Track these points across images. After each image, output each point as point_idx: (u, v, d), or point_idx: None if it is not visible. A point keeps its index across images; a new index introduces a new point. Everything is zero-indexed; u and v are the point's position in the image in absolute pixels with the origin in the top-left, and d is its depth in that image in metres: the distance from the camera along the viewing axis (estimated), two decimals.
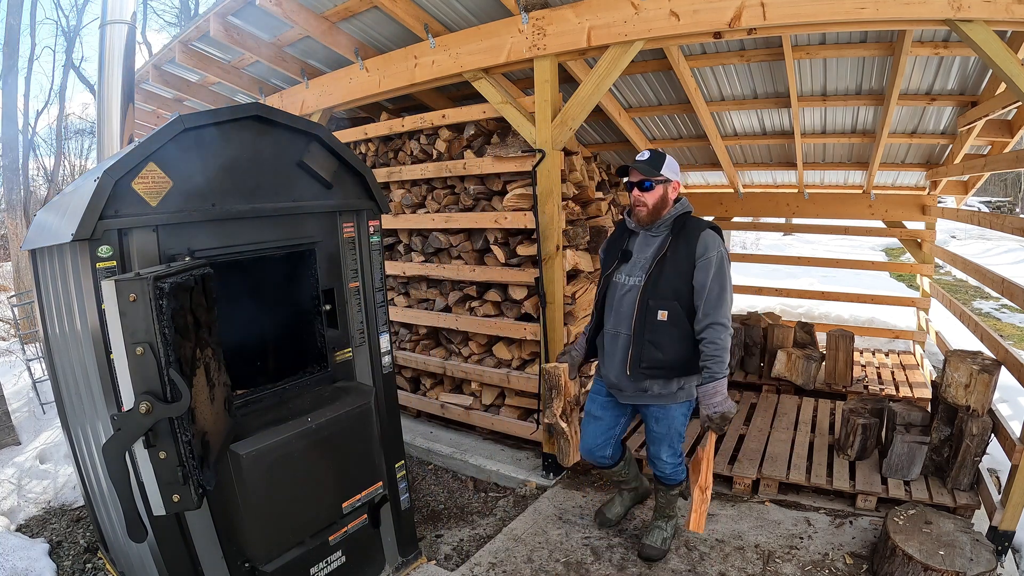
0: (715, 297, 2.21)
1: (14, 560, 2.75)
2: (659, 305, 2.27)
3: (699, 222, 2.34)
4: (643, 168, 2.29)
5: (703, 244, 2.25)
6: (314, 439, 2.06)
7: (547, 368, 2.51)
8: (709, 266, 2.22)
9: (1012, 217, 3.29)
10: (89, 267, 1.65)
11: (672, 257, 2.28)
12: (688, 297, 2.26)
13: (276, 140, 2.08)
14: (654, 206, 2.33)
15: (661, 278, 2.28)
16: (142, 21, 15.85)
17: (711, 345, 2.20)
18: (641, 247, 2.40)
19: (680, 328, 2.28)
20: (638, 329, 2.31)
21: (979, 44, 2.30)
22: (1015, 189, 17.26)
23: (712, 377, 2.20)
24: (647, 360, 2.32)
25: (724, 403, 2.21)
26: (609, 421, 2.61)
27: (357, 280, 2.44)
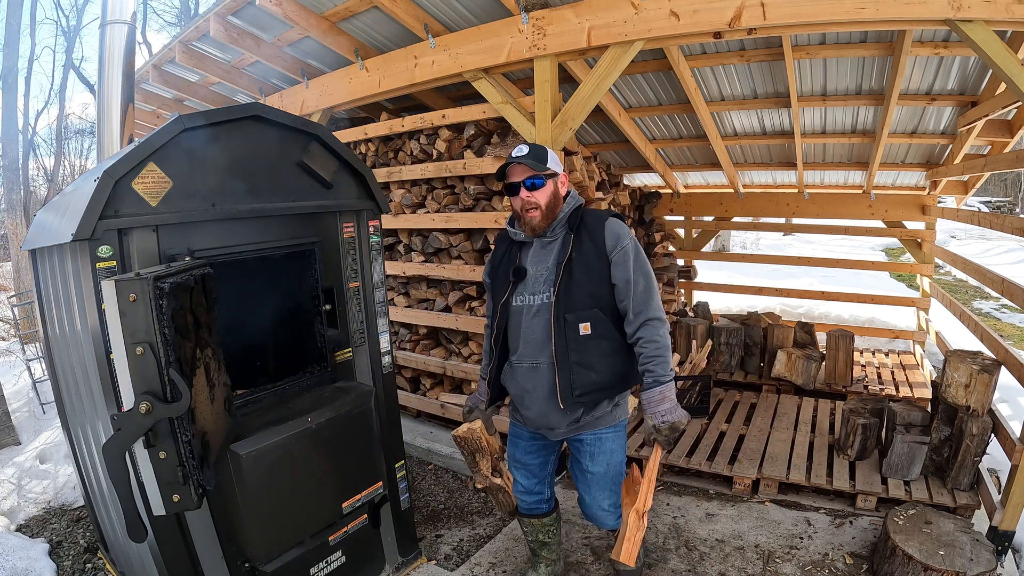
0: (642, 290, 1.92)
1: (14, 560, 2.75)
2: (579, 318, 1.91)
3: (597, 212, 2.03)
4: (529, 163, 1.92)
5: (612, 234, 1.93)
6: (314, 439, 2.06)
7: (461, 435, 2.08)
8: (627, 257, 1.91)
9: (1012, 217, 3.29)
10: (89, 267, 1.65)
11: (579, 258, 1.93)
12: (609, 299, 1.94)
13: (276, 140, 2.08)
14: (547, 206, 1.96)
15: (573, 286, 1.91)
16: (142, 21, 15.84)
17: (650, 344, 1.89)
18: (537, 259, 2.01)
19: (609, 339, 1.94)
20: (561, 353, 1.91)
21: (979, 44, 2.30)
22: (1015, 189, 17.25)
23: (657, 381, 1.88)
24: (580, 386, 1.92)
25: (673, 411, 1.89)
26: (538, 464, 2.24)
27: (357, 280, 2.44)
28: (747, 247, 13.57)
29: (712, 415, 4.19)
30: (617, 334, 1.95)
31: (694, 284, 6.66)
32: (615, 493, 2.11)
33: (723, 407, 4.36)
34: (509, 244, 2.11)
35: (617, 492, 2.11)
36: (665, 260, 5.74)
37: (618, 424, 2.08)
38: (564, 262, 1.92)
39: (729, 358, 5.07)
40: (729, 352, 5.07)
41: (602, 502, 2.11)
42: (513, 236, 2.08)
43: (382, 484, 2.36)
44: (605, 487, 2.10)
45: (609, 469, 2.08)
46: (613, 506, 2.12)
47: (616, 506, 2.11)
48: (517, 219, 2.03)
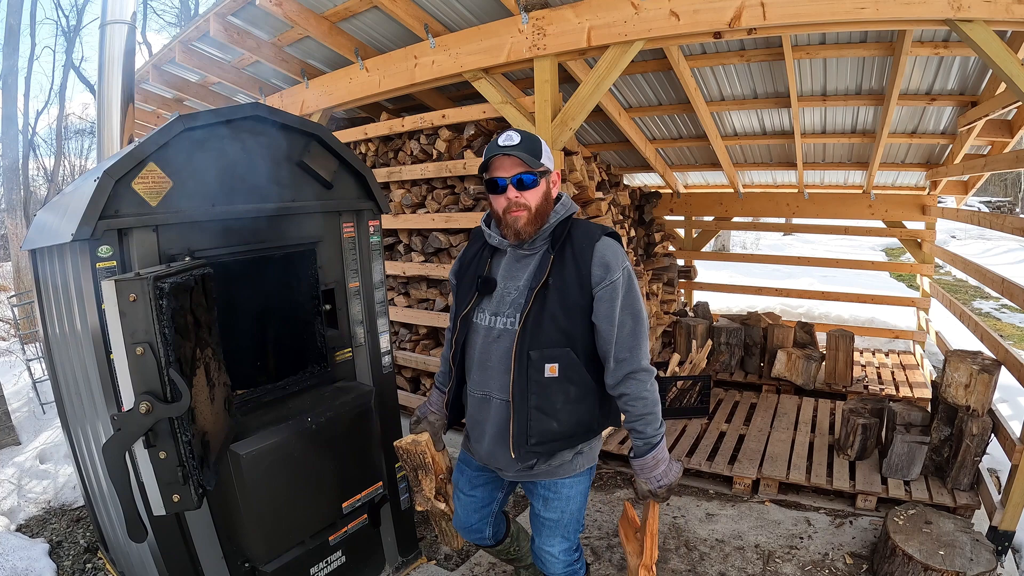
0: (629, 335, 1.58)
1: (14, 560, 2.75)
2: (545, 357, 1.58)
3: (589, 228, 1.66)
4: (521, 156, 1.55)
5: (601, 262, 1.58)
6: (314, 439, 2.06)
7: (404, 446, 1.85)
8: (615, 294, 1.57)
9: (1012, 217, 3.29)
10: (89, 267, 1.65)
11: (557, 285, 1.58)
12: (586, 338, 1.62)
13: (276, 140, 2.08)
14: (538, 209, 1.61)
15: (544, 318, 1.58)
16: (142, 21, 15.85)
17: (638, 403, 1.59)
18: (509, 272, 1.68)
19: (578, 384, 1.62)
20: (519, 394, 1.60)
21: (979, 44, 2.30)
22: (1015, 189, 17.26)
23: (649, 444, 1.61)
24: (537, 434, 1.62)
25: (668, 472, 1.64)
26: (482, 498, 1.93)
27: (357, 280, 2.44)
28: (747, 247, 13.57)
29: (712, 415, 4.20)
30: (589, 379, 1.64)
31: (694, 284, 6.66)
32: (567, 540, 1.82)
33: (723, 407, 4.36)
34: (482, 245, 1.77)
35: (570, 539, 1.83)
36: (665, 260, 5.74)
37: (579, 473, 1.77)
38: (538, 288, 1.58)
39: (729, 358, 5.07)
40: (729, 352, 5.07)
41: (551, 548, 1.81)
42: (487, 238, 1.72)
43: (382, 484, 2.36)
44: (557, 533, 1.80)
45: (563, 516, 1.78)
46: (564, 552, 1.82)
47: (568, 553, 1.83)
48: (498, 222, 1.68)
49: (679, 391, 4.14)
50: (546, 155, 1.64)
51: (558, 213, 1.66)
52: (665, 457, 1.65)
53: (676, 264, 6.10)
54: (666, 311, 5.67)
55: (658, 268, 5.56)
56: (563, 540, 1.81)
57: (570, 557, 1.84)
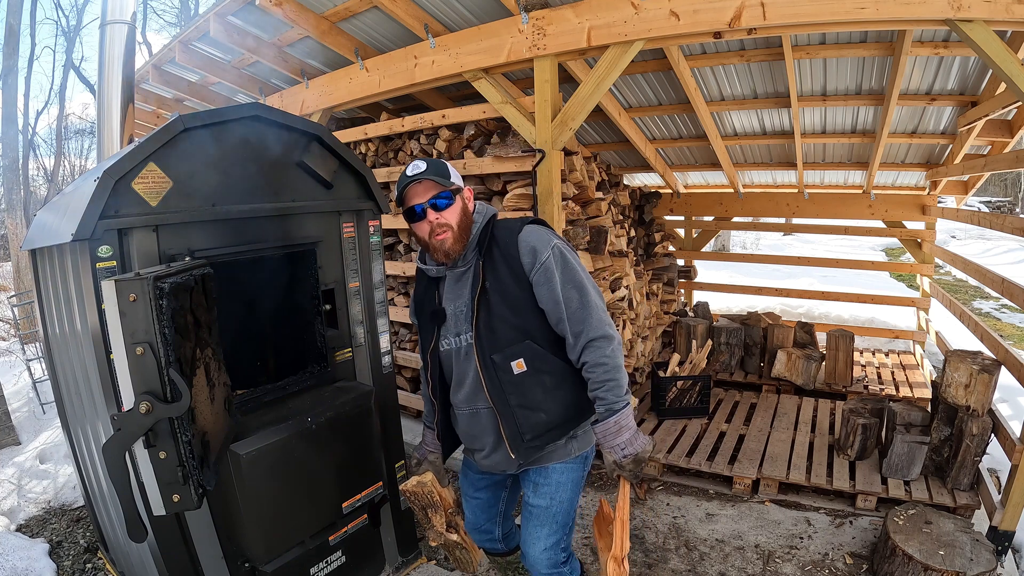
0: (577, 306, 1.62)
1: (14, 560, 2.75)
2: (508, 356, 1.64)
3: (509, 223, 1.72)
4: (432, 178, 1.60)
5: (528, 249, 1.62)
6: (314, 439, 2.06)
7: (410, 489, 1.86)
8: (550, 274, 1.61)
9: (1012, 217, 3.29)
10: (89, 267, 1.65)
11: (495, 287, 1.64)
12: (541, 326, 1.66)
13: (276, 140, 2.08)
14: (459, 225, 1.66)
15: (494, 321, 1.63)
16: (142, 21, 15.85)
17: (597, 369, 1.61)
18: (453, 293, 1.73)
19: (550, 372, 1.67)
20: (498, 398, 1.66)
21: (979, 44, 2.30)
22: (1015, 189, 17.26)
23: (610, 409, 1.60)
24: (529, 429, 1.67)
25: (633, 440, 1.61)
26: (488, 499, 2.00)
27: (357, 280, 2.44)
28: (747, 247, 13.57)
29: (712, 415, 4.20)
30: (560, 363, 1.68)
31: (694, 284, 6.66)
32: (555, 535, 1.78)
33: (723, 407, 4.36)
34: (427, 281, 1.82)
35: (559, 534, 1.79)
36: (665, 260, 5.74)
37: (572, 459, 1.78)
38: (477, 295, 1.64)
39: (729, 358, 5.07)
40: (729, 352, 5.07)
41: (537, 541, 1.77)
42: (428, 271, 1.77)
43: (382, 484, 2.36)
44: (544, 523, 1.77)
45: (552, 504, 1.76)
46: (551, 548, 1.78)
47: (553, 550, 1.78)
48: (426, 248, 1.72)
49: (679, 391, 4.14)
50: (454, 175, 1.69)
51: (477, 222, 1.72)
52: (629, 425, 1.62)
53: (676, 264, 6.10)
54: (666, 311, 5.67)
55: (658, 268, 5.56)
56: (550, 534, 1.76)
57: (555, 556, 1.79)
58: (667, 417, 4.12)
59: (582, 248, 3.79)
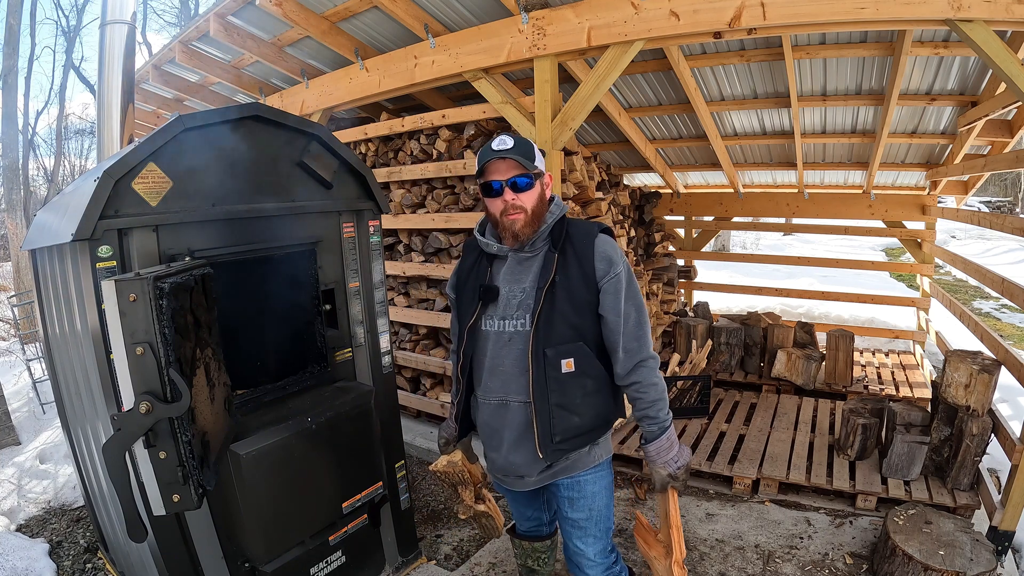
0: (634, 325, 1.64)
1: (14, 560, 2.75)
2: (561, 353, 1.61)
3: (586, 226, 1.72)
4: (517, 159, 1.59)
5: (604, 257, 1.63)
6: (314, 439, 2.06)
7: (441, 470, 1.88)
8: (619, 286, 1.63)
9: (1012, 217, 3.29)
10: (89, 267, 1.65)
11: (564, 283, 1.63)
12: (594, 331, 1.66)
13: (276, 140, 2.08)
14: (534, 211, 1.65)
15: (555, 316, 1.61)
16: (142, 21, 15.85)
17: (650, 389, 1.64)
18: (512, 275, 1.70)
19: (593, 376, 1.66)
20: (539, 393, 1.62)
21: (979, 44, 2.30)
22: (1015, 189, 17.26)
23: (662, 427, 1.66)
24: (562, 431, 1.64)
25: (682, 452, 1.69)
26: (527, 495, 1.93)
27: (357, 280, 2.44)
28: (747, 247, 13.57)
29: (712, 415, 4.20)
30: (602, 370, 1.68)
31: (694, 284, 6.66)
32: (601, 540, 1.81)
33: (723, 407, 4.36)
34: (479, 255, 1.78)
35: (604, 539, 1.82)
36: (665, 260, 5.74)
37: (598, 465, 1.77)
38: (546, 287, 1.61)
39: (729, 358, 5.07)
40: (729, 352, 5.07)
41: (587, 551, 1.80)
42: (484, 247, 1.74)
43: (382, 484, 2.36)
44: (590, 534, 1.79)
45: (592, 514, 1.78)
46: (600, 555, 1.81)
47: (603, 554, 1.82)
48: (495, 225, 1.70)
49: (679, 391, 4.14)
50: (539, 158, 1.68)
51: (553, 214, 1.72)
52: (676, 439, 1.70)
53: (676, 264, 6.10)
54: (666, 311, 5.67)
55: (658, 268, 5.56)
56: (596, 541, 1.80)
57: (607, 559, 1.83)
58: None
59: None
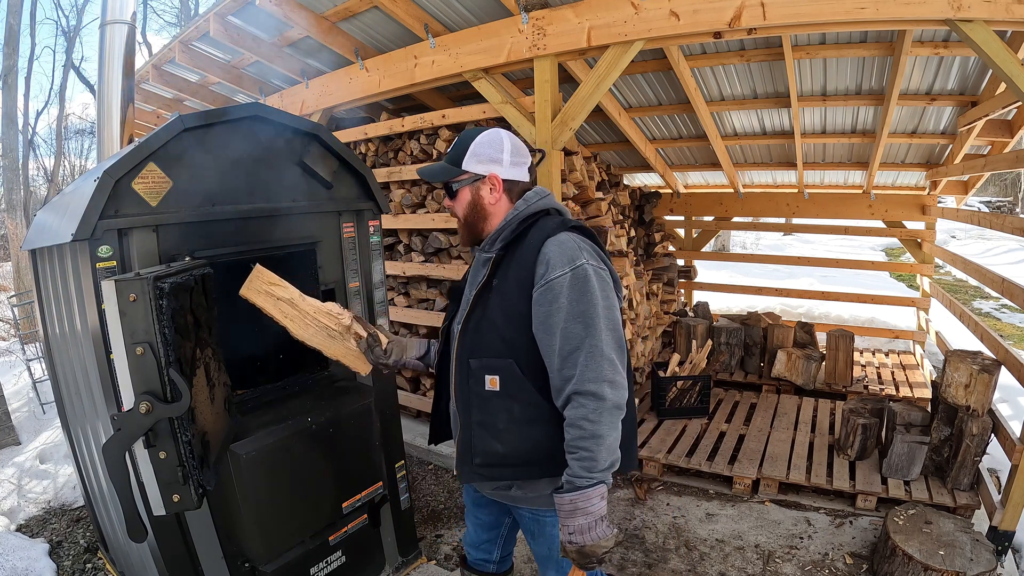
0: (575, 347, 1.32)
1: (14, 560, 2.75)
2: (485, 367, 1.42)
3: (548, 224, 1.44)
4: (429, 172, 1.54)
5: (544, 259, 1.36)
6: (314, 439, 2.06)
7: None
8: (554, 294, 1.33)
9: (1012, 217, 3.29)
10: (89, 267, 1.65)
11: (501, 288, 1.42)
12: (531, 348, 1.40)
13: (276, 140, 2.08)
14: (465, 218, 1.51)
15: (484, 324, 1.43)
16: (142, 21, 15.85)
17: (572, 430, 1.32)
18: (472, 277, 1.58)
19: (524, 403, 1.41)
20: (462, 404, 1.48)
21: (979, 44, 2.30)
22: (1015, 189, 17.25)
23: (572, 483, 1.31)
24: (481, 455, 1.46)
25: (588, 530, 1.31)
26: (490, 519, 1.81)
27: (357, 280, 2.44)
28: (747, 247, 13.57)
29: (712, 415, 4.20)
30: (540, 399, 1.40)
31: (694, 284, 6.66)
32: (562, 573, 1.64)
33: (723, 407, 4.36)
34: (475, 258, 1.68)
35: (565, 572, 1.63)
36: (665, 260, 5.74)
37: None
38: (479, 289, 1.45)
39: (729, 358, 5.07)
40: (729, 352, 5.07)
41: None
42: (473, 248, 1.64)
43: (382, 484, 2.36)
44: (550, 567, 1.65)
45: (553, 551, 1.59)
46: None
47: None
48: None
49: (679, 391, 4.14)
50: (475, 156, 1.47)
51: (517, 212, 1.48)
52: (591, 510, 1.30)
53: (676, 264, 6.10)
54: (666, 311, 5.67)
55: (658, 268, 5.56)
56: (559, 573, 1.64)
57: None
58: (667, 417, 4.12)
59: None
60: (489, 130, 1.51)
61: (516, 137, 1.54)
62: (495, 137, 1.48)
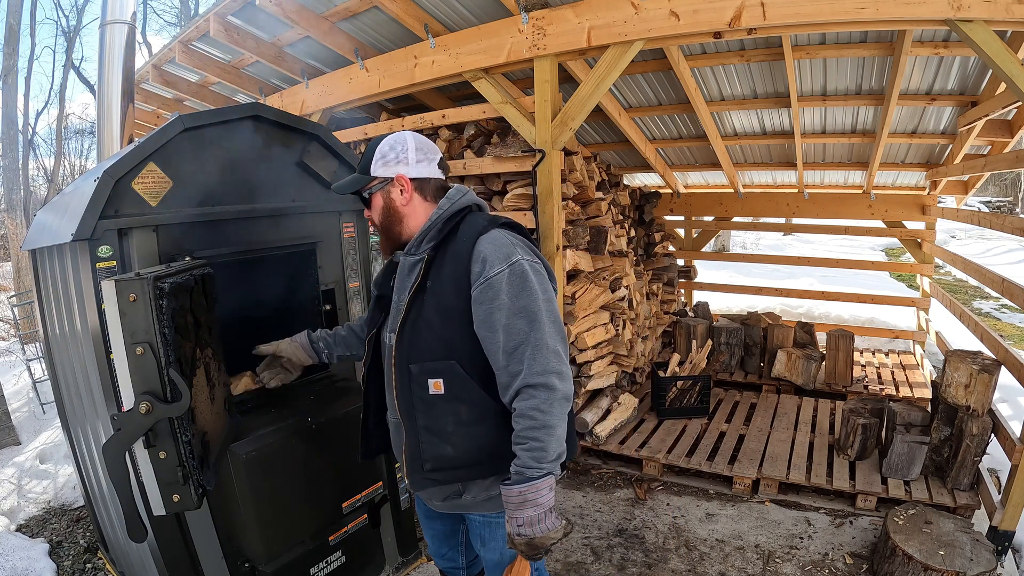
0: (521, 341, 1.31)
1: (14, 560, 2.75)
2: (426, 371, 1.40)
3: (478, 221, 1.42)
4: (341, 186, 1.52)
5: (479, 257, 1.34)
6: (314, 439, 2.06)
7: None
8: (495, 291, 1.32)
9: (1012, 217, 3.29)
10: (89, 267, 1.65)
11: (435, 288, 1.39)
12: (473, 347, 1.38)
13: (276, 140, 2.08)
14: (382, 224, 1.50)
15: (422, 327, 1.40)
16: (142, 21, 15.85)
17: (522, 421, 1.31)
18: (400, 284, 1.53)
19: (471, 404, 1.39)
20: (405, 412, 1.45)
21: (979, 44, 2.30)
22: (1015, 189, 17.25)
23: (521, 474, 1.30)
24: (432, 459, 1.44)
25: (537, 522, 1.30)
26: (444, 529, 1.79)
27: (357, 280, 2.44)
28: (747, 247, 13.57)
29: (712, 415, 4.20)
30: (486, 397, 1.39)
31: (694, 284, 6.66)
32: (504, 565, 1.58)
33: (723, 407, 4.36)
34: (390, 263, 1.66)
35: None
36: (665, 260, 5.74)
37: None
38: (412, 292, 1.41)
39: (729, 358, 5.07)
40: (729, 352, 5.07)
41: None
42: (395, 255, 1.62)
43: (382, 484, 2.36)
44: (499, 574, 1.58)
45: (504, 557, 1.55)
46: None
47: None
48: None
49: (679, 391, 4.14)
50: (382, 160, 1.47)
51: (442, 209, 1.46)
52: (538, 501, 1.29)
53: (676, 264, 6.10)
54: (666, 311, 5.67)
55: (658, 268, 5.57)
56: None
57: None
58: (667, 417, 4.13)
59: (582, 248, 3.79)
60: (393, 134, 1.50)
61: (421, 136, 1.53)
62: (398, 139, 1.48)
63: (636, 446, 3.67)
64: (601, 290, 3.94)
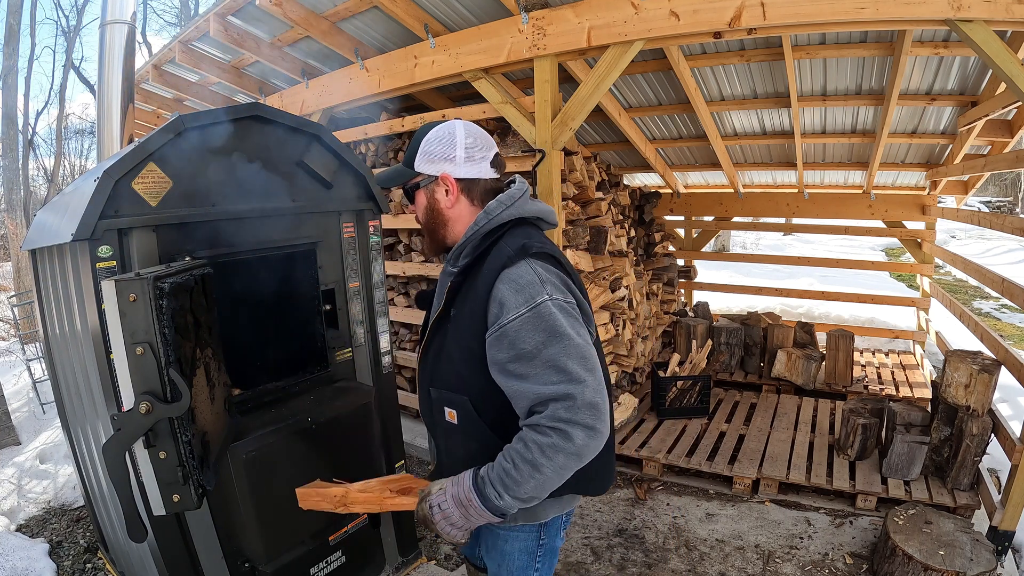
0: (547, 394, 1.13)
1: (14, 560, 2.75)
2: (443, 399, 1.33)
3: (506, 249, 1.23)
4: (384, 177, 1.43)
5: (496, 298, 1.18)
6: (314, 439, 2.06)
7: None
8: (510, 340, 1.16)
9: (1012, 217, 3.29)
10: (89, 267, 1.65)
11: (457, 319, 1.27)
12: (487, 389, 1.25)
13: (276, 140, 2.08)
14: (425, 224, 1.39)
15: (443, 354, 1.31)
16: (142, 21, 15.85)
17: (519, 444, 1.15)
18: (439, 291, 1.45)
19: (482, 441, 1.28)
20: (431, 428, 1.42)
21: (979, 44, 2.30)
22: (1015, 189, 17.25)
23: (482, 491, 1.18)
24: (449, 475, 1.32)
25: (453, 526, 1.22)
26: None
27: (357, 280, 2.44)
28: (747, 247, 13.57)
29: (712, 415, 4.20)
30: (497, 440, 1.24)
31: (694, 284, 6.66)
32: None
33: (723, 407, 4.36)
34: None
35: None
36: (665, 260, 5.74)
37: (521, 526, 1.39)
38: (435, 317, 1.32)
39: (729, 358, 5.07)
40: (729, 352, 5.07)
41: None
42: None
43: None
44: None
45: (501, 570, 1.47)
46: None
47: None
48: None
49: (679, 391, 4.14)
50: (427, 155, 1.32)
51: (478, 224, 1.29)
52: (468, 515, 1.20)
53: (676, 264, 6.10)
54: (666, 311, 5.67)
55: (658, 268, 5.57)
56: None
57: None
58: (667, 417, 4.13)
59: (582, 248, 3.79)
60: (443, 123, 1.35)
61: (474, 127, 1.36)
62: (447, 131, 1.32)
63: (636, 446, 3.67)
64: (601, 290, 3.94)
